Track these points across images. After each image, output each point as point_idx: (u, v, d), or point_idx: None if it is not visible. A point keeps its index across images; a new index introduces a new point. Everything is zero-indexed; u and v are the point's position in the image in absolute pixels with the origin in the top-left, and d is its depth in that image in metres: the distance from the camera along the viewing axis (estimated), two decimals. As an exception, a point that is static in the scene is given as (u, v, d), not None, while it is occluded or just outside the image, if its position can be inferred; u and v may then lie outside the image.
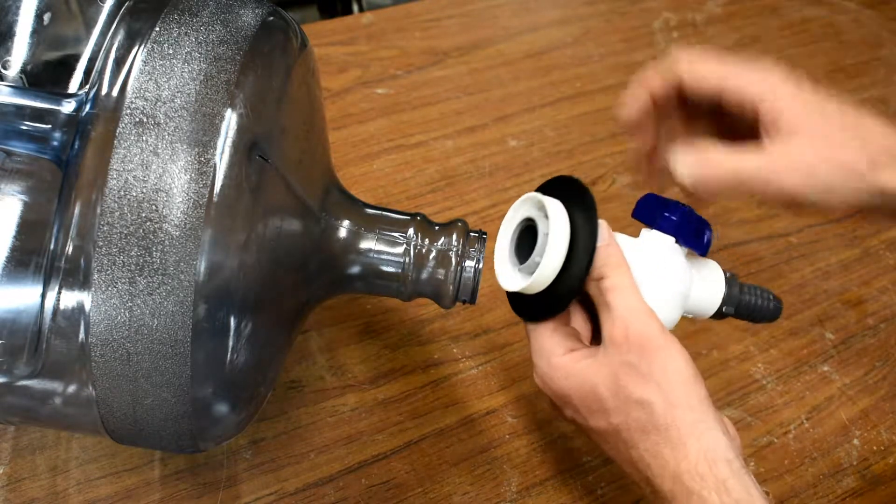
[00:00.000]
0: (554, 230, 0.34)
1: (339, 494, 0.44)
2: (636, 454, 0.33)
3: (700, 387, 0.33)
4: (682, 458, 0.31)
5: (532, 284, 0.35)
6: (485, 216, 0.61)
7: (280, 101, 0.34)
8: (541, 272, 0.34)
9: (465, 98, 0.72)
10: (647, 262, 0.36)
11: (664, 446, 0.32)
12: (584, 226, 0.34)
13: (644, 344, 0.33)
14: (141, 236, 0.29)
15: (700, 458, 0.31)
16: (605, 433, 0.34)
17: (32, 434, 0.45)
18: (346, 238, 0.39)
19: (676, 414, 0.32)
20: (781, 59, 0.81)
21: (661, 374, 0.32)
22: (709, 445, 0.31)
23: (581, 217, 0.35)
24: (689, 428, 0.32)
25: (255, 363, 0.35)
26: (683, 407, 0.32)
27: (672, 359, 0.33)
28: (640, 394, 0.32)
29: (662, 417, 0.32)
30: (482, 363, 0.52)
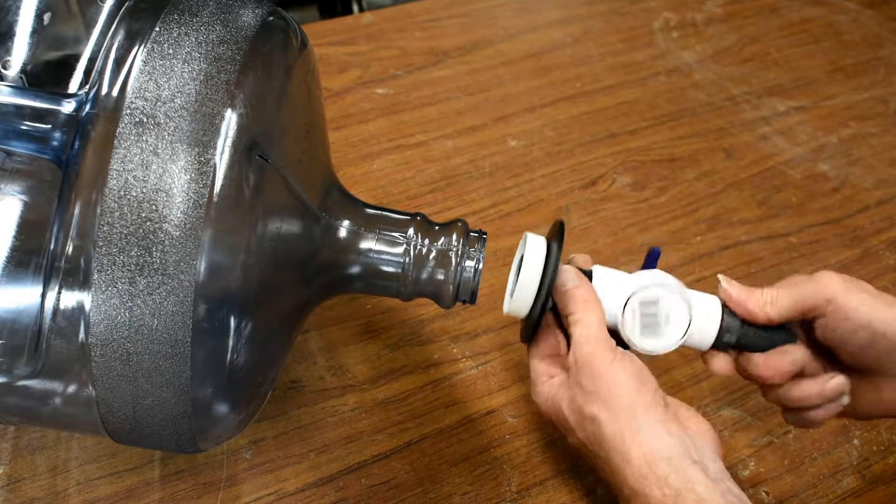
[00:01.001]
0: (525, 261, 0.39)
1: (339, 494, 0.44)
2: (600, 463, 0.37)
3: (646, 393, 0.36)
4: (626, 463, 0.35)
5: (510, 306, 0.40)
6: (485, 216, 0.61)
7: (280, 101, 0.34)
8: (516, 295, 0.39)
9: (465, 98, 0.72)
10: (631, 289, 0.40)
11: (614, 455, 0.35)
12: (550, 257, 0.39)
13: (590, 365, 0.37)
14: (141, 236, 0.29)
15: (641, 460, 0.34)
16: (579, 448, 0.39)
17: (32, 434, 0.45)
18: (346, 238, 0.39)
19: (621, 423, 0.35)
20: (781, 58, 0.81)
21: (605, 391, 0.36)
22: (650, 447, 0.34)
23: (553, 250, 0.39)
24: (632, 434, 0.35)
25: (255, 363, 0.35)
26: (626, 416, 0.35)
27: (615, 373, 0.36)
28: (589, 410, 0.37)
29: (609, 428, 0.36)
30: (482, 363, 0.52)
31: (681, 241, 0.61)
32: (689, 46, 0.82)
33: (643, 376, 0.36)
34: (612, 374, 0.36)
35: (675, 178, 0.66)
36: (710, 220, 0.63)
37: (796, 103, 0.76)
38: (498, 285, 0.56)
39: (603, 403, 0.36)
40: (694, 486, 0.33)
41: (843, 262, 0.61)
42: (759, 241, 0.62)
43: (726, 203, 0.65)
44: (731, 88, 0.77)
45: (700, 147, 0.70)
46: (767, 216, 0.64)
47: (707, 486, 0.33)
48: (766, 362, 0.39)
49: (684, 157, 0.69)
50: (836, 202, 0.66)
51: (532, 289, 0.39)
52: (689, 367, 0.52)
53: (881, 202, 0.66)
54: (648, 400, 0.36)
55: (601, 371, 0.36)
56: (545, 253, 0.39)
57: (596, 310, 0.38)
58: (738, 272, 0.59)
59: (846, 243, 0.63)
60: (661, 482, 0.33)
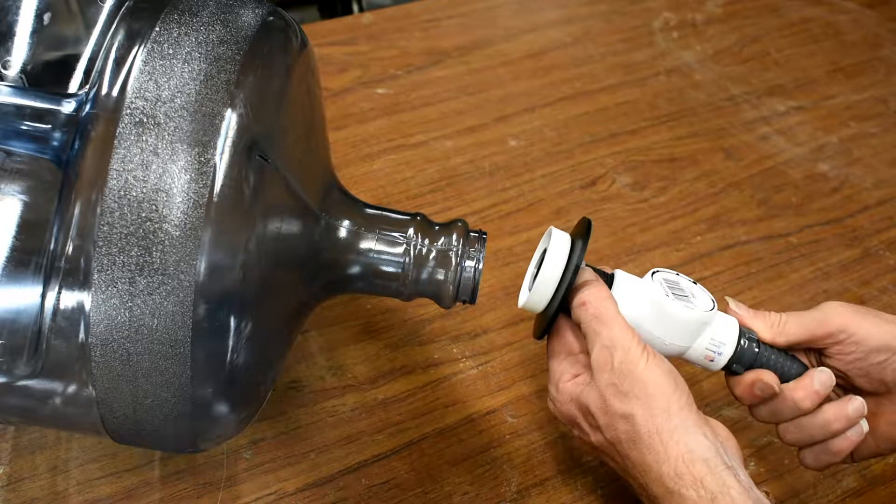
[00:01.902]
0: (548, 256, 0.39)
1: (339, 494, 0.44)
2: (629, 464, 0.36)
3: (680, 394, 0.36)
4: (662, 462, 0.34)
5: (527, 301, 0.40)
6: (485, 216, 0.61)
7: (280, 101, 0.34)
8: (534, 290, 0.39)
9: (465, 98, 0.72)
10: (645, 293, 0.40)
11: (648, 453, 0.35)
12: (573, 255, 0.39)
13: (624, 367, 0.36)
14: (141, 236, 0.29)
15: (679, 459, 0.34)
16: (604, 448, 0.38)
17: (32, 434, 0.45)
18: (346, 238, 0.39)
19: (657, 422, 0.35)
20: (781, 58, 0.81)
21: (640, 389, 0.36)
22: (687, 447, 0.34)
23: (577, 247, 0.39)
24: (669, 433, 0.35)
25: (255, 363, 0.35)
26: (663, 415, 0.35)
27: (650, 373, 0.36)
28: (623, 409, 0.36)
29: (645, 426, 0.35)
30: (482, 363, 0.52)
31: (681, 241, 0.61)
32: (689, 46, 0.82)
33: (676, 377, 0.37)
34: (648, 374, 0.36)
35: (675, 178, 0.66)
36: (710, 220, 0.63)
37: (796, 103, 0.76)
38: (498, 285, 0.56)
39: (639, 402, 0.36)
40: (729, 490, 0.33)
41: (843, 262, 0.61)
42: (759, 241, 0.62)
43: (726, 203, 0.65)
44: (731, 88, 0.77)
45: (700, 147, 0.70)
46: (767, 216, 0.64)
47: (740, 493, 0.33)
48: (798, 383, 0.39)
49: (684, 157, 0.69)
50: (836, 202, 0.66)
51: (552, 285, 0.38)
52: (690, 366, 0.52)
53: (881, 202, 0.66)
54: (683, 401, 0.36)
55: (635, 371, 0.36)
56: (569, 250, 0.39)
57: (613, 304, 0.38)
58: (738, 272, 0.59)
59: (846, 243, 0.63)
60: (698, 483, 0.33)
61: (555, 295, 0.39)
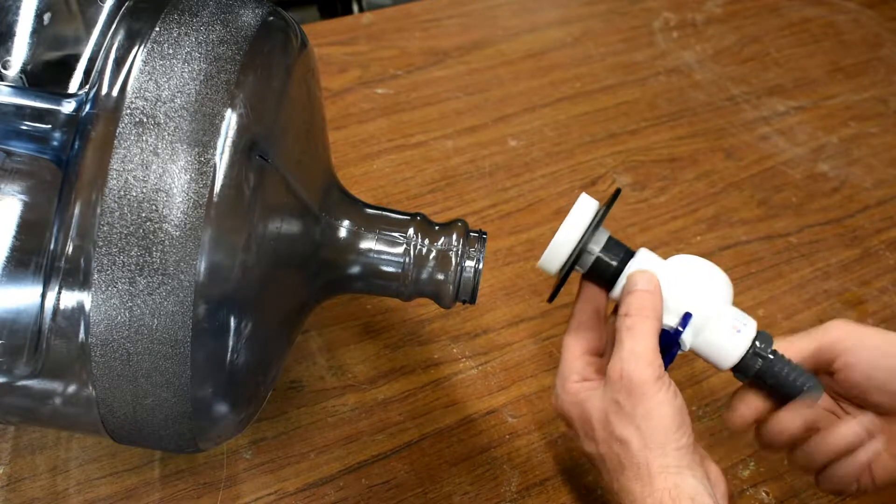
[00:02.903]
0: (568, 218, 0.38)
1: (339, 494, 0.44)
2: (616, 486, 0.36)
3: (682, 434, 0.35)
4: (647, 495, 0.34)
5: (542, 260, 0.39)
6: (485, 216, 0.61)
7: (280, 101, 0.34)
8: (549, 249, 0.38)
9: (465, 98, 0.72)
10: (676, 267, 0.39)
11: (635, 482, 0.35)
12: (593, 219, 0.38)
13: (633, 387, 0.35)
14: (141, 236, 0.29)
15: (665, 493, 0.34)
16: (595, 459, 0.38)
17: (32, 434, 0.45)
18: (346, 238, 0.39)
19: (649, 456, 0.35)
20: (781, 58, 0.81)
21: (642, 418, 0.35)
22: (675, 484, 0.34)
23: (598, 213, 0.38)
24: (659, 469, 0.34)
25: (255, 363, 0.35)
26: (657, 451, 0.35)
27: (658, 406, 0.35)
28: (620, 431, 0.35)
29: (636, 457, 0.35)
30: (482, 363, 0.52)
31: (681, 241, 0.61)
32: (689, 46, 0.82)
33: (684, 416, 0.35)
34: (655, 404, 0.35)
35: (675, 178, 0.66)
36: (710, 220, 0.63)
37: (796, 103, 0.76)
38: (498, 285, 0.56)
39: (637, 430, 0.35)
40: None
41: (843, 262, 0.61)
42: (759, 241, 0.62)
43: (726, 203, 0.65)
44: (731, 88, 0.77)
45: (700, 147, 0.70)
46: (767, 216, 0.64)
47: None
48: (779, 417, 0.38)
49: (684, 157, 0.69)
50: (836, 202, 0.66)
51: (566, 247, 0.38)
52: (689, 367, 0.52)
53: (881, 202, 0.66)
54: (683, 443, 0.35)
55: (645, 396, 0.35)
56: (592, 213, 0.38)
57: (654, 324, 0.36)
58: (738, 272, 0.59)
59: (846, 243, 0.63)
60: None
61: (569, 257, 0.38)
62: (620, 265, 0.39)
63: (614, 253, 0.39)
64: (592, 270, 0.39)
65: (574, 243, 0.38)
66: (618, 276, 0.39)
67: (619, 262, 0.39)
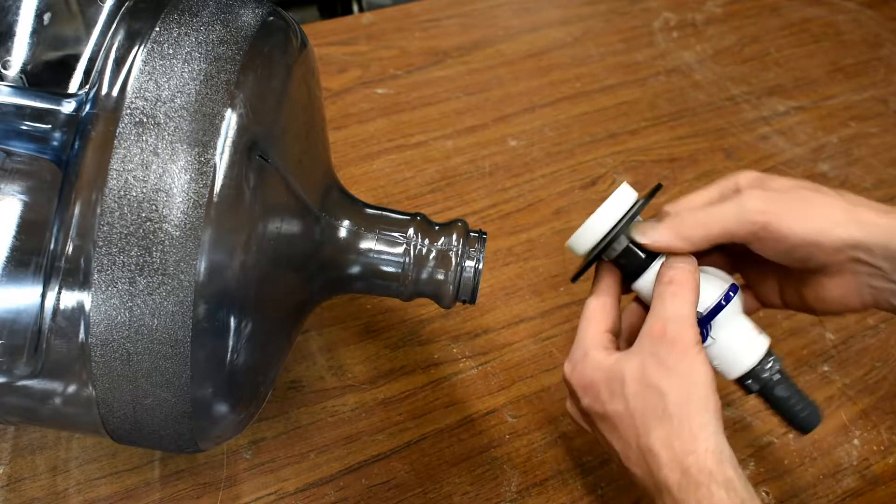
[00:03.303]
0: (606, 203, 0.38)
1: (339, 494, 0.44)
2: (644, 442, 0.34)
3: (717, 399, 0.34)
4: (690, 452, 0.33)
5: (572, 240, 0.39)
6: (485, 216, 0.61)
7: (280, 101, 0.34)
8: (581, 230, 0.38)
9: (465, 98, 0.72)
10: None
11: (675, 438, 0.33)
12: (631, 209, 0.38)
13: (677, 343, 0.34)
14: (141, 236, 0.29)
15: (709, 455, 0.32)
16: (620, 417, 0.35)
17: (32, 434, 0.45)
18: (346, 238, 0.39)
19: (690, 410, 0.33)
20: (781, 58, 0.81)
21: (685, 372, 0.34)
22: (717, 446, 0.33)
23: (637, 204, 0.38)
24: (699, 428, 0.33)
25: (255, 363, 0.35)
26: (698, 407, 0.33)
27: (699, 364, 0.34)
28: (659, 382, 0.34)
29: (677, 409, 0.33)
30: (482, 363, 0.52)
31: (681, 241, 0.61)
32: (689, 46, 0.82)
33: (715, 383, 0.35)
34: (698, 363, 0.34)
35: (675, 178, 0.66)
36: (710, 220, 0.63)
37: (796, 103, 0.76)
38: (498, 285, 0.56)
39: (679, 383, 0.34)
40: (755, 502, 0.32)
41: (843, 262, 0.61)
42: (759, 241, 0.62)
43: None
44: (731, 88, 0.77)
45: (700, 147, 0.70)
46: (767, 216, 0.64)
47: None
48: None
49: (684, 157, 0.69)
50: (836, 202, 0.66)
51: (598, 231, 0.38)
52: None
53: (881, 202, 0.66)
54: (719, 405, 0.34)
55: (687, 354, 0.34)
56: (631, 202, 0.38)
57: (695, 297, 0.36)
58: (738, 272, 0.59)
59: (846, 243, 0.62)
60: (728, 485, 0.32)
61: (600, 242, 0.38)
62: (649, 258, 0.39)
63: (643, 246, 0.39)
64: (620, 258, 0.39)
65: (607, 230, 0.38)
66: (644, 269, 0.39)
67: (647, 254, 0.39)
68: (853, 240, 0.36)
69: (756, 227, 0.36)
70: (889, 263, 0.36)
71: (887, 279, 0.37)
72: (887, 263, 0.36)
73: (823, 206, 0.37)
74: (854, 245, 0.36)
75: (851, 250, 0.36)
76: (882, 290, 0.37)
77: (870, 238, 0.36)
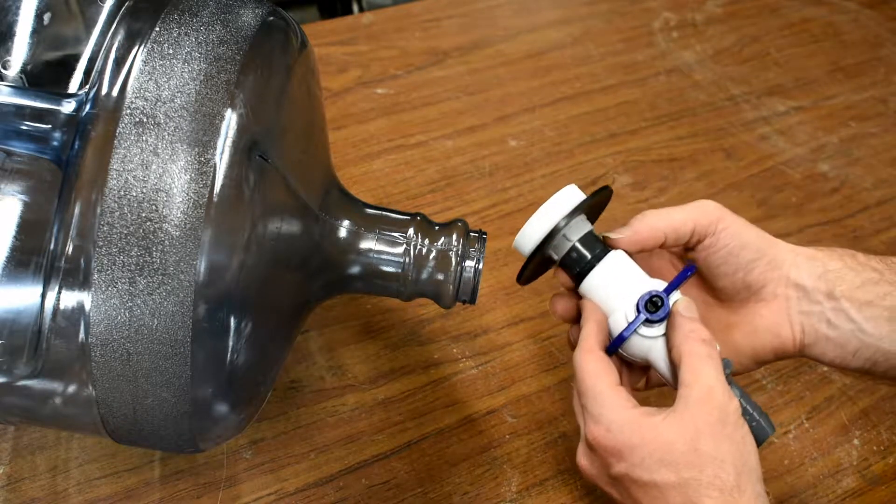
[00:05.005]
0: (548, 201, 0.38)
1: (339, 494, 0.44)
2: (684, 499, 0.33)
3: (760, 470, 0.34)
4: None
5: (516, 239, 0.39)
6: (485, 216, 0.61)
7: (280, 101, 0.34)
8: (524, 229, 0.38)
9: (465, 98, 0.72)
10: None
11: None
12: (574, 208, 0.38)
13: (728, 413, 0.34)
14: (141, 236, 0.29)
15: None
16: (667, 487, 0.34)
17: (32, 434, 0.45)
18: (346, 238, 0.39)
19: (745, 481, 0.33)
20: (781, 58, 0.81)
21: (740, 442, 0.34)
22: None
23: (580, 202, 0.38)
24: (752, 496, 0.33)
25: (255, 363, 0.35)
26: (752, 479, 0.33)
27: (748, 436, 0.34)
28: (716, 452, 0.33)
29: (735, 479, 0.33)
30: (482, 363, 0.52)
31: (681, 241, 0.61)
32: (689, 46, 0.82)
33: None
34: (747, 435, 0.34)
35: (675, 178, 0.66)
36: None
37: (796, 103, 0.76)
38: (498, 285, 0.56)
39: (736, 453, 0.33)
40: None
41: (843, 262, 0.61)
42: (759, 241, 0.62)
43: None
44: (731, 88, 0.77)
45: (700, 147, 0.70)
46: (767, 216, 0.64)
47: None
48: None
49: (684, 157, 0.69)
50: (836, 202, 0.66)
51: (541, 228, 0.38)
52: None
53: (881, 202, 0.66)
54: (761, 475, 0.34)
55: (738, 423, 0.34)
56: (572, 202, 0.38)
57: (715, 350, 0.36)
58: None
59: (846, 243, 0.62)
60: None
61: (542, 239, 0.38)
62: (594, 260, 0.39)
63: (591, 247, 0.39)
64: (566, 259, 0.39)
65: (548, 228, 0.38)
66: (589, 271, 0.38)
67: (592, 256, 0.39)
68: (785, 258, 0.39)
69: (714, 219, 0.39)
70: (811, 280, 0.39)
71: (812, 300, 0.39)
72: (810, 281, 0.39)
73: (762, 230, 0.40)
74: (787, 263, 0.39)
75: (786, 267, 0.39)
76: (810, 313, 0.39)
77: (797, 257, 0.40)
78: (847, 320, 0.38)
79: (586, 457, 0.38)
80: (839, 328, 0.39)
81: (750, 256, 0.39)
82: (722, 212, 0.39)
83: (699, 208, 0.39)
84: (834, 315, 0.39)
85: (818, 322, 0.39)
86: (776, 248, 0.40)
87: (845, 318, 0.38)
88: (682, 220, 0.39)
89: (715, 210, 0.39)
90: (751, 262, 0.39)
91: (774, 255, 0.39)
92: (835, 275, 0.39)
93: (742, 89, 0.77)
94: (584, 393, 0.36)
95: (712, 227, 0.39)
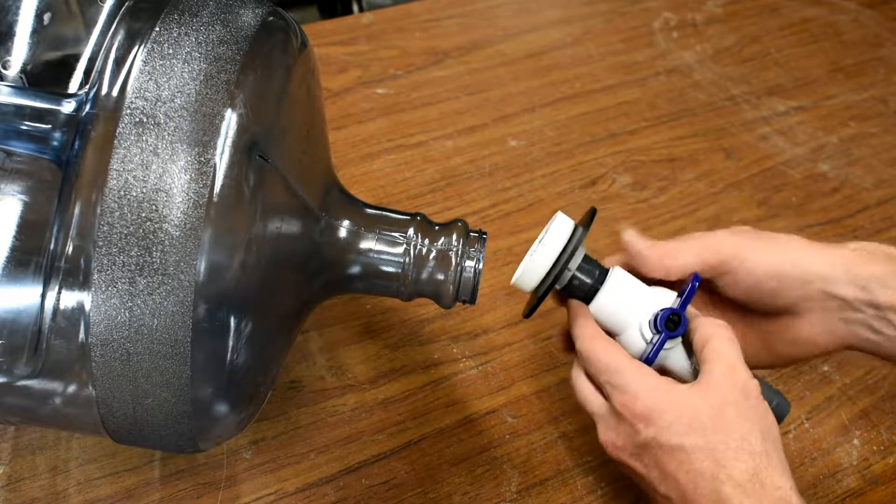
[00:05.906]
0: (547, 237, 0.38)
1: (339, 494, 0.44)
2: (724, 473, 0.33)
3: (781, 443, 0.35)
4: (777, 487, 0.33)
5: (519, 278, 0.39)
6: (485, 216, 0.61)
7: (280, 101, 0.34)
8: (527, 267, 0.38)
9: (465, 98, 0.72)
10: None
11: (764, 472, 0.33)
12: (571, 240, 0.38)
13: (750, 388, 0.35)
14: (141, 236, 0.29)
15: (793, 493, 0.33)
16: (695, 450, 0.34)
17: (32, 434, 0.45)
18: (346, 238, 0.39)
19: (771, 448, 0.34)
20: (781, 58, 0.81)
21: (763, 415, 0.35)
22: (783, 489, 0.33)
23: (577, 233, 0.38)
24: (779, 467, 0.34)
25: (255, 363, 0.35)
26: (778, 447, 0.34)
27: (769, 412, 0.35)
28: (744, 419, 0.34)
29: (762, 445, 0.34)
30: (482, 363, 0.52)
31: (681, 241, 0.61)
32: (689, 46, 0.82)
33: None
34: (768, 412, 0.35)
35: (675, 178, 0.66)
36: (710, 220, 0.63)
37: (796, 103, 0.76)
38: (498, 285, 0.56)
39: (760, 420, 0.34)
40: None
41: (843, 262, 0.61)
42: (759, 241, 0.62)
43: (726, 203, 0.65)
44: (731, 88, 0.77)
45: (700, 147, 0.70)
46: (767, 216, 0.64)
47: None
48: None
49: (684, 157, 0.69)
50: (836, 202, 0.66)
51: (545, 266, 0.38)
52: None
53: (881, 202, 0.66)
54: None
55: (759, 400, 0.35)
56: (569, 234, 0.38)
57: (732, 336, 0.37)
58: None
59: (846, 243, 0.62)
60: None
61: (545, 276, 0.38)
62: (596, 284, 0.39)
63: (590, 273, 0.39)
64: (568, 287, 0.39)
65: (549, 266, 0.38)
66: (594, 295, 0.39)
67: (594, 280, 0.39)
68: (819, 271, 0.38)
69: (726, 257, 0.38)
70: (851, 290, 0.38)
71: (853, 308, 0.38)
72: (850, 291, 0.38)
73: (788, 241, 0.39)
74: (821, 276, 0.38)
75: (820, 282, 0.38)
76: (852, 321, 0.38)
77: (833, 267, 0.38)
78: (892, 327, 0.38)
79: (612, 430, 0.37)
80: (883, 333, 0.38)
81: (774, 284, 0.38)
82: (736, 247, 0.38)
83: (711, 248, 0.39)
84: (878, 322, 0.38)
85: (861, 328, 0.38)
86: (802, 263, 0.38)
87: (887, 324, 0.38)
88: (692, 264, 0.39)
89: (729, 246, 0.38)
90: (776, 289, 0.38)
91: (802, 273, 0.38)
92: (877, 283, 0.37)
93: (742, 89, 0.77)
94: (604, 370, 0.37)
95: (726, 266, 0.38)
